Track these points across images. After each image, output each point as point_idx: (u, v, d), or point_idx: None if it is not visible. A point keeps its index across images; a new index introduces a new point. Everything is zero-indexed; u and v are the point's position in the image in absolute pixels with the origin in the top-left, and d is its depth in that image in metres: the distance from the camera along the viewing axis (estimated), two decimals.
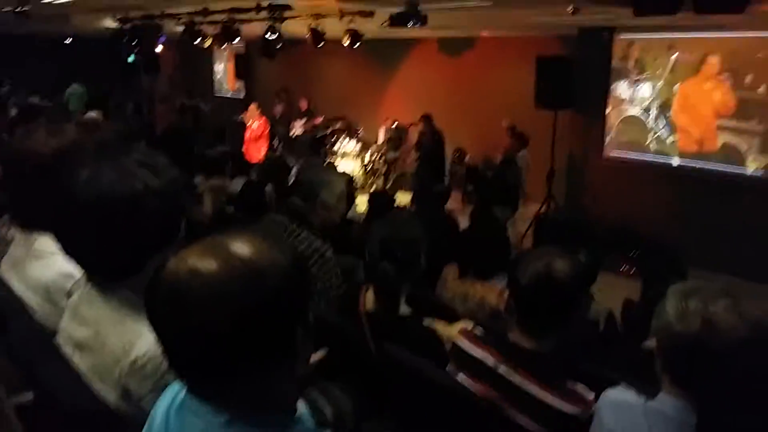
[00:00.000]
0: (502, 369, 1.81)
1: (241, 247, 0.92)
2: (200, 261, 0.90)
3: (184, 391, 0.98)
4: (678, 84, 7.28)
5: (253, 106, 10.00)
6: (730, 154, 6.90)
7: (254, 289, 0.89)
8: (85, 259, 1.33)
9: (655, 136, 7.59)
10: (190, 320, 0.88)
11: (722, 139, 6.97)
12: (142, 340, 1.20)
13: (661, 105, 7.48)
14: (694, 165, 7.21)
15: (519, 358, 1.80)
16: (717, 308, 1.40)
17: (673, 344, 1.44)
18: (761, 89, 6.54)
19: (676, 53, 7.25)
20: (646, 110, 7.63)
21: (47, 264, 1.63)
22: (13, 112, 5.92)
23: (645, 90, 7.59)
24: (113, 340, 1.25)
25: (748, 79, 6.62)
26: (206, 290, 0.88)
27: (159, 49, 11.18)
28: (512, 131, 7.62)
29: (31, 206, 1.67)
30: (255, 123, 9.82)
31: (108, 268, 1.31)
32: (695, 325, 1.39)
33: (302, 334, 0.97)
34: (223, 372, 0.91)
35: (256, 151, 9.54)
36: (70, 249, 1.35)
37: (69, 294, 1.52)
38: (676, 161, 7.37)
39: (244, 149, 9.35)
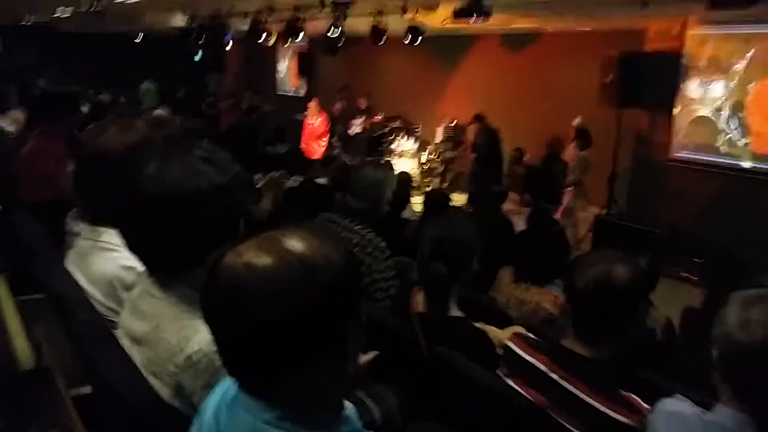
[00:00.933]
0: (555, 375, 1.76)
1: (296, 244, 0.93)
2: (255, 256, 0.91)
3: (235, 386, 1.00)
4: (753, 83, 6.91)
5: (313, 103, 10.11)
6: None
7: (308, 286, 0.90)
8: (147, 253, 1.36)
9: (727, 137, 7.24)
10: (243, 314, 0.89)
11: None
12: (198, 337, 1.22)
13: (734, 105, 7.12)
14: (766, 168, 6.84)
15: (573, 365, 1.75)
16: None
17: (734, 354, 1.39)
18: None
19: (752, 50, 6.87)
20: (718, 110, 7.27)
21: (111, 258, 1.67)
22: (85, 109, 6.18)
23: (717, 89, 7.23)
24: (169, 335, 1.27)
25: None
26: (260, 285, 0.89)
27: (228, 47, 11.44)
28: (579, 131, 7.42)
29: (100, 201, 1.72)
30: (316, 120, 9.90)
31: (169, 264, 1.33)
32: (758, 335, 1.35)
33: (353, 332, 0.97)
34: (274, 368, 0.92)
35: (316, 148, 9.63)
36: (133, 244, 1.38)
37: (130, 288, 1.57)
38: (747, 164, 7.01)
39: (303, 145, 9.45)
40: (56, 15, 10.71)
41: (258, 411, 0.95)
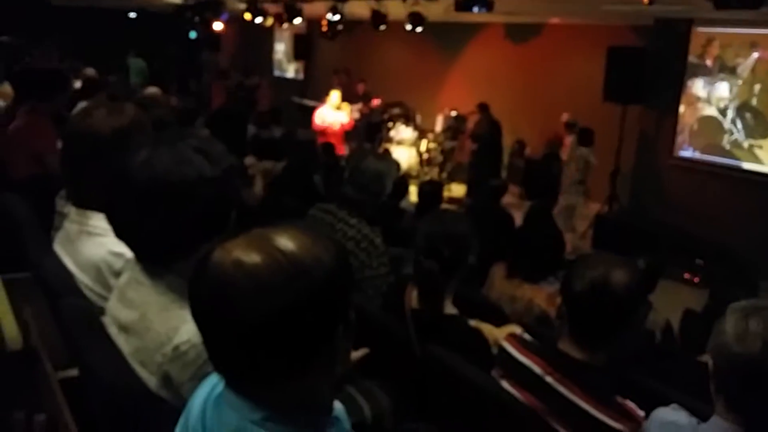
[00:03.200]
0: (550, 379, 1.74)
1: (286, 242, 0.92)
2: (244, 253, 0.90)
3: (222, 383, 0.99)
4: (759, 85, 6.90)
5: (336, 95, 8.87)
6: None
7: (297, 285, 0.89)
8: (135, 241, 1.35)
9: (732, 138, 7.23)
10: (231, 312, 0.88)
11: None
12: (186, 327, 1.21)
13: (739, 106, 7.10)
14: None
15: (568, 369, 1.73)
16: None
17: (730, 366, 1.38)
18: None
19: (758, 51, 6.85)
20: (723, 111, 7.26)
21: (99, 242, 1.64)
22: (77, 85, 6.08)
23: (723, 89, 7.21)
24: (157, 325, 1.26)
25: None
26: (249, 283, 0.88)
27: (219, 26, 11.33)
28: (571, 127, 7.38)
29: (87, 185, 1.69)
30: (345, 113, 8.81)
31: (157, 252, 1.32)
32: (755, 348, 1.33)
33: (343, 332, 0.96)
34: (261, 368, 0.91)
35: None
36: (120, 230, 1.36)
37: (118, 274, 1.54)
38: (751, 166, 7.00)
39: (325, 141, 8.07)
40: None
41: (244, 410, 0.93)
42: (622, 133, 7.56)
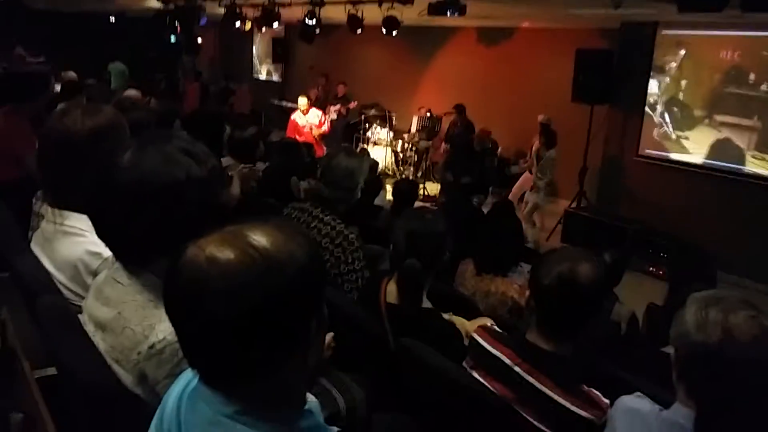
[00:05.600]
0: (519, 369, 1.79)
1: (260, 238, 0.92)
2: (218, 250, 0.90)
3: (197, 379, 0.99)
4: (685, 81, 7.29)
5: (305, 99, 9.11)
6: (728, 150, 6.95)
7: (270, 281, 0.89)
8: (116, 241, 1.34)
9: (662, 131, 7.56)
10: (204, 308, 0.88)
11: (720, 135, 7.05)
12: (162, 325, 1.21)
13: (668, 101, 7.45)
14: (714, 164, 7.09)
15: (536, 359, 1.79)
16: (737, 319, 1.37)
17: (691, 354, 1.42)
18: (763, 86, 6.60)
19: (683, 50, 7.24)
20: (653, 106, 7.58)
21: (76, 242, 1.65)
22: (57, 88, 6.02)
23: (653, 86, 7.59)
24: (134, 323, 1.25)
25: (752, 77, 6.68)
26: (222, 279, 0.88)
27: (199, 31, 11.27)
28: (545, 127, 7.51)
29: (64, 185, 1.69)
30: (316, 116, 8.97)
31: (138, 253, 1.31)
32: (714, 336, 1.37)
33: (316, 327, 0.97)
34: (235, 363, 0.91)
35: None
36: (104, 231, 1.35)
37: (95, 274, 1.56)
38: (698, 159, 7.24)
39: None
40: None
41: (218, 405, 0.94)
42: (590, 133, 7.73)
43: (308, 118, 8.86)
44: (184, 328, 0.94)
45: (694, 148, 7.27)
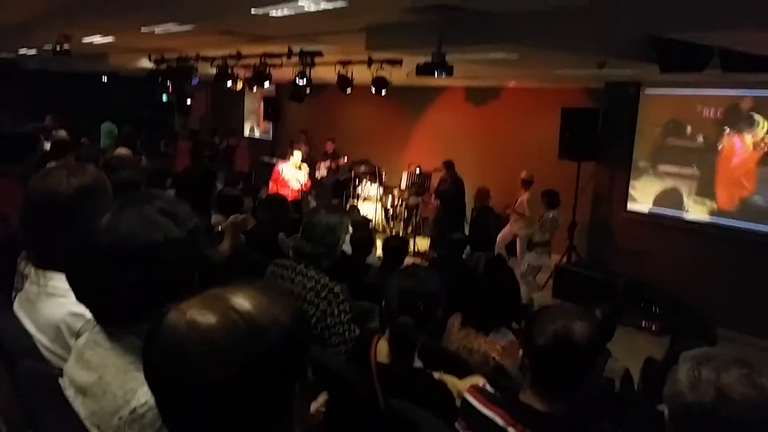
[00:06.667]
0: (512, 430, 1.75)
1: (242, 302, 0.90)
2: (199, 314, 0.88)
3: None
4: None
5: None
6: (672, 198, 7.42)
7: (253, 346, 0.87)
8: (96, 303, 1.32)
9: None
10: (184, 374, 0.86)
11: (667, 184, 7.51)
12: (144, 389, 1.15)
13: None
14: (706, 220, 7.21)
15: (530, 421, 1.74)
16: (730, 378, 1.35)
17: (685, 414, 1.40)
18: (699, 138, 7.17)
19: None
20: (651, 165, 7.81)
21: (59, 303, 1.62)
22: (47, 146, 6.07)
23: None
24: (115, 387, 1.22)
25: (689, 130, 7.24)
26: (204, 344, 0.86)
27: (191, 90, 11.46)
28: (527, 183, 7.68)
29: (47, 245, 1.67)
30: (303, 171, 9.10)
31: (117, 315, 1.29)
32: (707, 396, 1.35)
33: (300, 391, 0.95)
34: (217, 429, 0.88)
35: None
36: (82, 293, 1.33)
37: (78, 335, 1.51)
38: (689, 216, 7.35)
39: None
40: (21, 52, 10.62)
41: None
42: (577, 189, 7.84)
43: (295, 174, 8.90)
44: (163, 394, 0.91)
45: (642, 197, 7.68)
